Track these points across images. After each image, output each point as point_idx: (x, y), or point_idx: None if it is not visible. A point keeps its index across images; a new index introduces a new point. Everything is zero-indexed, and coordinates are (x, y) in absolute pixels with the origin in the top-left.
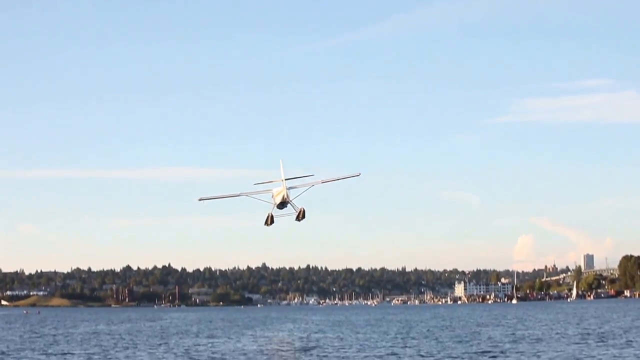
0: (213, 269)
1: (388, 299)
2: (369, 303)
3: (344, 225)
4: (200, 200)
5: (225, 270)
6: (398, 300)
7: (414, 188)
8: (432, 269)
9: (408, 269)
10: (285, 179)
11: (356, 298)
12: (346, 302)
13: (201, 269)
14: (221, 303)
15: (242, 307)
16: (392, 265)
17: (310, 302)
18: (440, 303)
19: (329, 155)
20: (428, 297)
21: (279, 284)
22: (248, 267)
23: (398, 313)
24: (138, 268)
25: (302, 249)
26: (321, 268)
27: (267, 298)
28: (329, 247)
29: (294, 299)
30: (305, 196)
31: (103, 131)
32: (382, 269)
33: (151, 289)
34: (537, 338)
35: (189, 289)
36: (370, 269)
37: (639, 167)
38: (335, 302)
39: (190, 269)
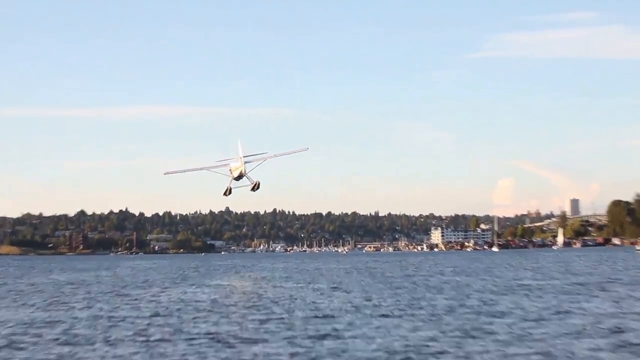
0: (173, 214)
1: (360, 246)
2: (339, 250)
3: (313, 167)
4: (165, 174)
5: (186, 215)
6: (370, 248)
7: (387, 128)
8: (407, 213)
9: (381, 214)
10: (244, 156)
11: (326, 245)
12: (315, 249)
13: (160, 214)
14: (182, 250)
15: (203, 254)
16: (364, 209)
17: (277, 249)
18: (415, 250)
19: (300, 94)
20: (402, 244)
21: (244, 230)
22: (210, 211)
23: (370, 263)
24: (93, 213)
25: (267, 192)
26: (288, 212)
27: (230, 245)
28: (297, 191)
29: (260, 245)
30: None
31: (57, 68)
32: (354, 214)
33: (107, 235)
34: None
35: (147, 235)
36: (340, 213)
37: (628, 106)
38: (304, 249)
39: (148, 214)
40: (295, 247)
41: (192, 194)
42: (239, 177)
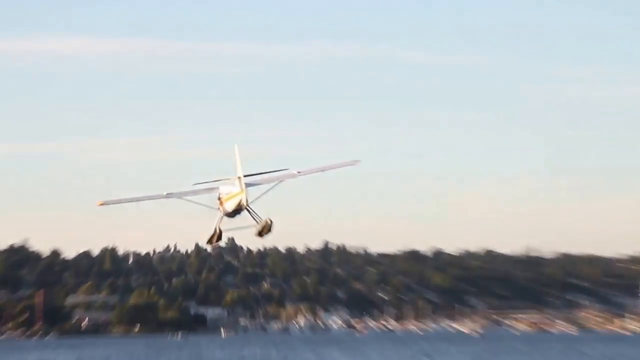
0: (120, 252)
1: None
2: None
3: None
4: (100, 205)
5: (148, 254)
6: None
7: None
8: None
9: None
10: (245, 176)
11: (433, 314)
12: (411, 325)
13: (93, 253)
14: (137, 328)
15: (181, 336)
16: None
17: (335, 325)
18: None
19: None
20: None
21: (264, 284)
22: (196, 247)
23: None
24: None
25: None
26: (353, 251)
27: (237, 315)
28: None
29: (297, 316)
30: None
31: None
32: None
33: None
34: None
35: (67, 298)
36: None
37: None
38: (385, 323)
39: (69, 253)
40: (368, 322)
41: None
42: (236, 212)
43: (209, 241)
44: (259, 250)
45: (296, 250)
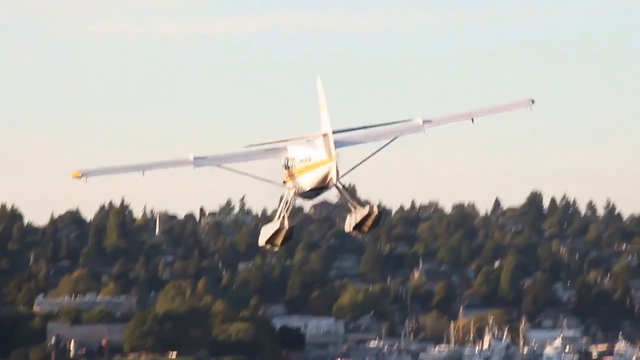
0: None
1: None
2: None
3: None
4: (81, 176)
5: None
6: None
7: None
8: None
9: None
10: (334, 132)
11: None
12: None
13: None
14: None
15: None
16: None
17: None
18: None
19: None
20: None
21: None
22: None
23: None
24: None
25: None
26: None
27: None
28: None
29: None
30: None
31: None
32: None
33: None
34: None
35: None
36: None
37: None
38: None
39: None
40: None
41: None
42: (317, 191)
43: (270, 240)
44: (402, 208)
45: (474, 209)
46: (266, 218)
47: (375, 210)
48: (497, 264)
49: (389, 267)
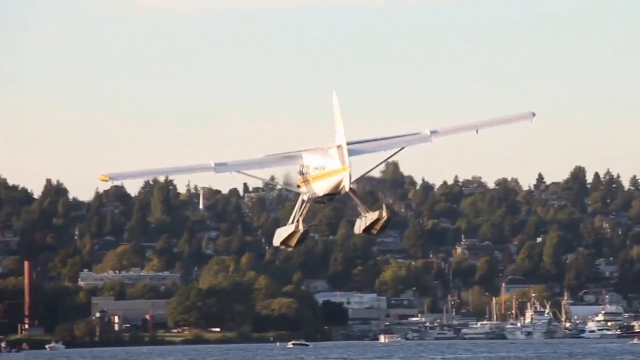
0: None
1: None
2: None
3: None
4: (108, 179)
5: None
6: None
7: None
8: None
9: None
10: (348, 144)
11: None
12: None
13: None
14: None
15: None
16: None
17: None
18: None
19: None
20: None
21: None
22: None
23: None
24: None
25: None
26: None
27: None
28: None
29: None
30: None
31: None
32: None
33: None
34: None
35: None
36: None
37: None
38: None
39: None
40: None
41: None
42: (330, 196)
43: (284, 242)
44: (445, 183)
45: (517, 185)
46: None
47: (385, 214)
48: (539, 239)
49: (432, 243)
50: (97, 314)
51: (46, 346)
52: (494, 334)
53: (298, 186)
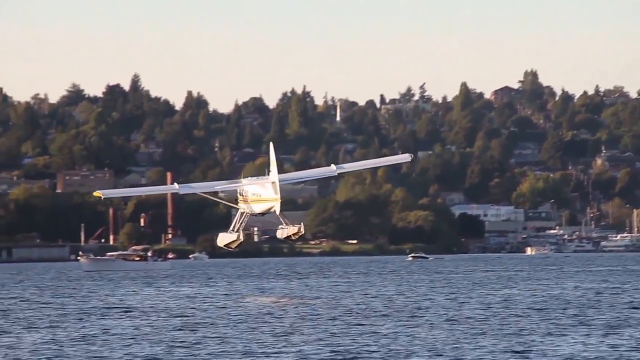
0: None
1: None
2: None
3: None
4: (102, 196)
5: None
6: None
7: None
8: None
9: None
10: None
11: None
12: None
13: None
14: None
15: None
16: None
17: None
18: None
19: None
20: None
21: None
22: None
23: None
24: None
25: None
26: None
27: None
28: None
29: None
30: None
31: None
32: None
33: None
34: None
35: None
36: None
37: None
38: None
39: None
40: None
41: None
42: (265, 213)
43: (227, 245)
44: (586, 93)
45: None
46: (446, 105)
47: (301, 230)
48: None
49: (571, 154)
50: None
51: (190, 256)
52: (634, 247)
53: (236, 200)
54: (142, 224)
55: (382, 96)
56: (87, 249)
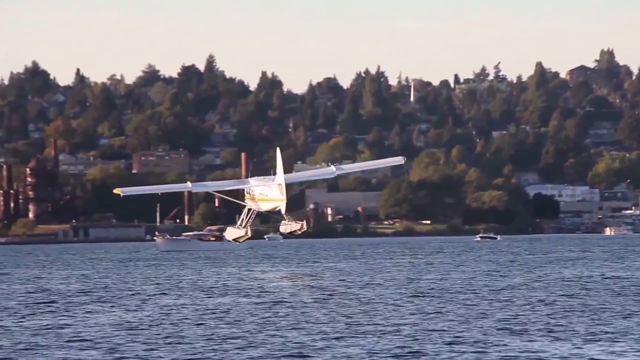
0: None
1: None
2: None
3: None
4: (122, 194)
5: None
6: None
7: None
8: None
9: None
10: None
11: None
12: None
13: None
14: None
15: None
16: None
17: None
18: None
19: None
20: None
21: None
22: None
23: None
24: None
25: None
26: None
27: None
28: None
29: None
30: None
31: None
32: None
33: None
34: None
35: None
36: None
37: None
38: None
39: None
40: None
41: None
42: (271, 211)
43: (235, 240)
44: None
45: None
46: (520, 85)
47: (304, 227)
48: None
49: None
50: (311, 206)
51: (264, 236)
52: None
53: (244, 198)
54: (216, 204)
55: (456, 76)
56: (162, 229)
